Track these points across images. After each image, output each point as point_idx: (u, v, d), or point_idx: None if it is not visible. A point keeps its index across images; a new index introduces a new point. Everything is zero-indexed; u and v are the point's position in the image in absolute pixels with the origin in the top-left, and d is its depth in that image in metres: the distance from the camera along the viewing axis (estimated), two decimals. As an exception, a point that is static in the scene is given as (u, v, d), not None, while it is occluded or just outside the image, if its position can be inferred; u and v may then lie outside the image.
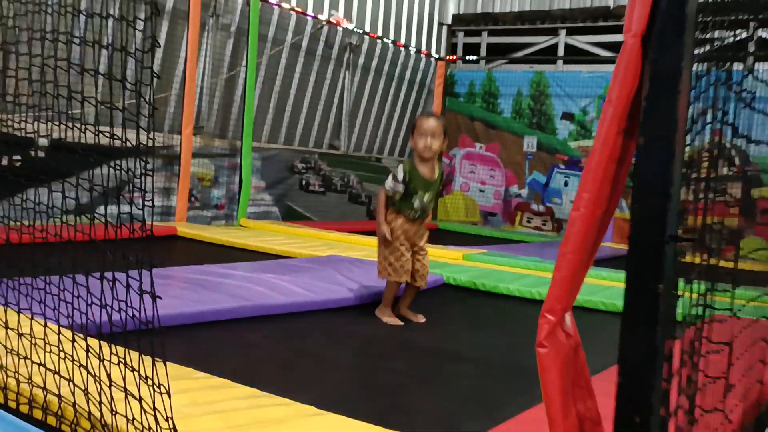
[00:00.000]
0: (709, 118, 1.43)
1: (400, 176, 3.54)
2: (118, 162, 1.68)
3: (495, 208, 10.33)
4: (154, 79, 1.47)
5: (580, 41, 9.76)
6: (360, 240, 6.45)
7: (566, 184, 9.75)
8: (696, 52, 1.23)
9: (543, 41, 10.02)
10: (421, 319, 3.62)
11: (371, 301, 3.94)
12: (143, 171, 1.46)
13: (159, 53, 6.73)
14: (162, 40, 6.74)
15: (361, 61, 9.24)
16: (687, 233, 1.24)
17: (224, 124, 7.62)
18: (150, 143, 1.47)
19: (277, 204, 8.23)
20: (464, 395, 2.46)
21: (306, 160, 8.59)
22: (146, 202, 1.43)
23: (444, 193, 10.67)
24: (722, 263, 1.55)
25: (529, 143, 10.03)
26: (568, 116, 9.74)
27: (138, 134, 1.48)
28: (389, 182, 3.57)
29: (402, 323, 3.50)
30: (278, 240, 5.96)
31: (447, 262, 5.52)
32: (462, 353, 3.00)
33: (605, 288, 4.49)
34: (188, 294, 3.36)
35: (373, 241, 6.41)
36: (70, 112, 1.90)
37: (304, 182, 8.58)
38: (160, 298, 1.49)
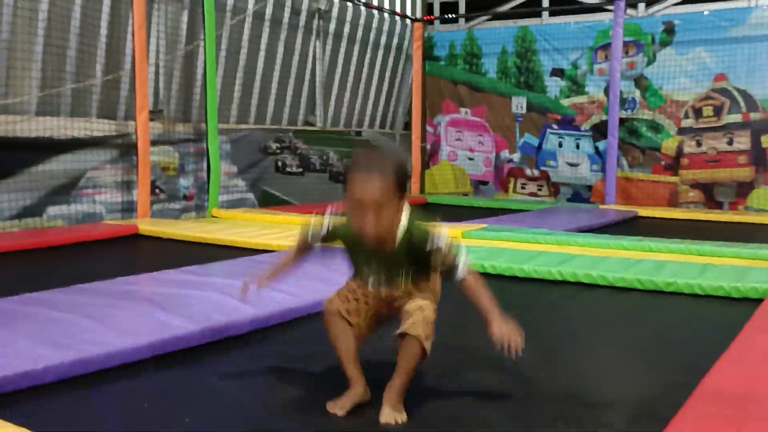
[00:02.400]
0: None
1: (321, 226, 2.08)
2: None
3: (486, 176, 9.69)
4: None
5: (566, -10, 9.06)
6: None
7: (560, 145, 9.11)
8: None
9: (526, -7, 9.32)
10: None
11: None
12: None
13: (103, 29, 5.97)
14: (105, 15, 5.98)
15: (331, 27, 8.50)
16: None
17: (186, 105, 6.88)
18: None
19: (252, 189, 7.53)
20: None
21: (280, 140, 7.89)
22: None
23: (431, 164, 10.00)
24: None
25: (518, 104, 9.36)
26: (558, 72, 9.07)
27: None
28: (307, 224, 2.11)
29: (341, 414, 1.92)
30: (253, 231, 5.29)
31: (445, 242, 4.88)
32: (485, 369, 2.32)
33: (636, 262, 3.87)
34: (134, 320, 2.70)
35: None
36: None
37: (279, 164, 7.88)
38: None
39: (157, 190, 6.42)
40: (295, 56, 8.04)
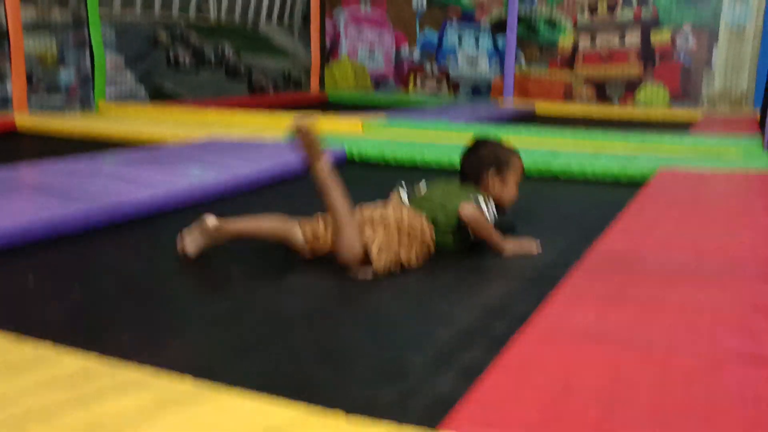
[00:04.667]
0: None
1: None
2: None
3: (386, 72, 9.58)
4: None
5: None
6: (240, 118, 5.61)
7: (461, 41, 9.08)
8: None
9: None
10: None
11: (263, 186, 3.26)
12: None
13: None
14: None
15: None
16: None
17: (63, -11, 6.32)
18: None
19: (143, 83, 7.13)
20: (391, 329, 1.85)
21: (171, 31, 7.44)
22: None
23: (330, 60, 9.77)
24: None
25: (419, -2, 9.19)
26: (459, -35, 8.92)
27: None
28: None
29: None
30: (144, 125, 5.04)
31: (344, 134, 4.83)
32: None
33: (533, 151, 3.95)
34: (18, 205, 2.52)
35: (256, 119, 5.60)
36: None
37: (171, 57, 7.47)
38: None
39: (34, 82, 5.95)
40: (183, -61, 7.49)
